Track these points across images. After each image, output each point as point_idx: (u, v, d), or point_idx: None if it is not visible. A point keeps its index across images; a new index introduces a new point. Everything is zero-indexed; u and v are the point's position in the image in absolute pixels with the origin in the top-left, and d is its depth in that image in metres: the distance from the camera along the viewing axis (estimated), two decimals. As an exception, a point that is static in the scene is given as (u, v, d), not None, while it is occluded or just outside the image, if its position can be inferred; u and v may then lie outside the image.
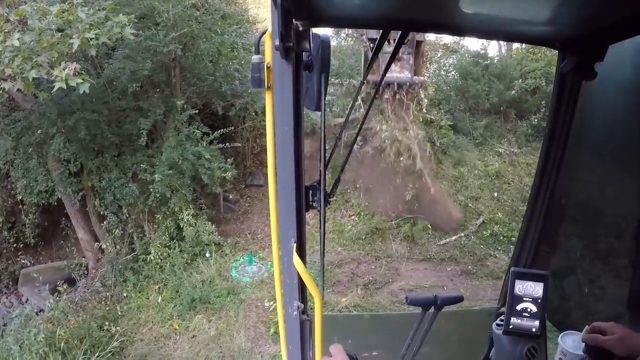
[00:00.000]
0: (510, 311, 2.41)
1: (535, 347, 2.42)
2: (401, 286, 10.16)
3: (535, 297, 2.38)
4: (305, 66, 1.87)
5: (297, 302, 1.98)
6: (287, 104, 1.72)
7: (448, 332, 3.03)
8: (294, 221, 1.89)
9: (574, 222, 3.12)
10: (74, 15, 6.73)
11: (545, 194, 2.64)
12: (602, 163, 2.86)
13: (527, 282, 2.40)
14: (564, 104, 2.46)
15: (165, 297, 9.79)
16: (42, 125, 9.52)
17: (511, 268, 2.52)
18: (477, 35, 3.96)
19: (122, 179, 10.30)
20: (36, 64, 6.53)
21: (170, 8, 9.94)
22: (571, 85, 2.42)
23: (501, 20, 2.18)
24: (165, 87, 11.14)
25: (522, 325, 2.39)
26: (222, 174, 10.60)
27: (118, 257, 10.61)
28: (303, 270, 1.85)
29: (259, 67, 1.74)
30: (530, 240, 2.76)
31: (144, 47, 9.82)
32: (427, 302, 2.57)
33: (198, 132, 10.51)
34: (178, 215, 10.65)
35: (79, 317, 8.86)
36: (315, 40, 1.90)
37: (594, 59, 2.22)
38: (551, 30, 2.33)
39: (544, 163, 2.60)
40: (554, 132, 2.53)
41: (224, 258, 10.77)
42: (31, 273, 10.86)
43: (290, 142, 1.76)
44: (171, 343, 8.90)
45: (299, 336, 2.07)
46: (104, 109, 9.99)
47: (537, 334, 2.39)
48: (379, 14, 2.23)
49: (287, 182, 1.83)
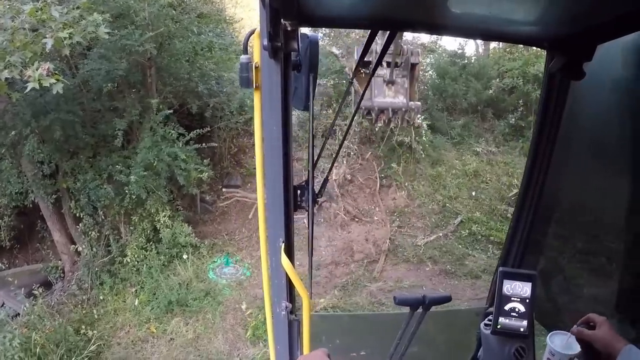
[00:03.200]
0: (499, 311, 2.42)
1: (524, 347, 2.43)
2: (379, 287, 10.20)
3: (523, 297, 2.40)
4: (293, 66, 1.90)
5: (285, 302, 2.01)
6: (276, 104, 1.75)
7: (436, 332, 3.05)
8: (282, 221, 1.92)
9: (562, 222, 3.14)
10: (47, 14, 6.60)
11: (533, 194, 2.68)
12: (590, 163, 2.88)
13: (515, 282, 2.41)
14: (552, 104, 2.50)
15: (142, 300, 9.74)
16: (16, 126, 9.36)
17: (499, 268, 2.56)
18: (466, 35, 4.05)
19: (97, 180, 10.18)
20: (9, 63, 6.40)
21: (146, 7, 9.84)
22: (559, 85, 2.47)
23: (489, 20, 2.20)
24: (141, 87, 11.05)
25: (511, 325, 2.41)
26: (198, 174, 10.55)
27: (94, 259, 10.47)
28: (291, 270, 1.88)
29: (248, 67, 1.76)
30: (518, 240, 2.81)
31: (120, 47, 9.68)
32: (416, 302, 2.55)
33: (174, 133, 10.45)
34: (154, 216, 10.60)
35: (55, 322, 8.74)
36: (304, 40, 1.93)
37: (582, 59, 2.26)
38: (539, 30, 2.36)
39: (532, 163, 2.64)
40: (542, 132, 2.56)
41: (201, 260, 10.76)
42: (6, 277, 10.70)
43: (278, 142, 1.80)
44: (149, 346, 8.86)
45: (287, 336, 2.11)
46: (78, 110, 9.84)
47: (525, 334, 2.41)
48: (367, 14, 2.25)
49: (276, 182, 1.87)
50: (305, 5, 1.87)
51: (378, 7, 2.17)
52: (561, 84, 2.45)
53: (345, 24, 3.00)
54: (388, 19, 2.28)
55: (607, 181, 2.77)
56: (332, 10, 2.16)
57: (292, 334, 2.13)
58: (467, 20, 2.21)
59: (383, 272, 10.81)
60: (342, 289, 10.14)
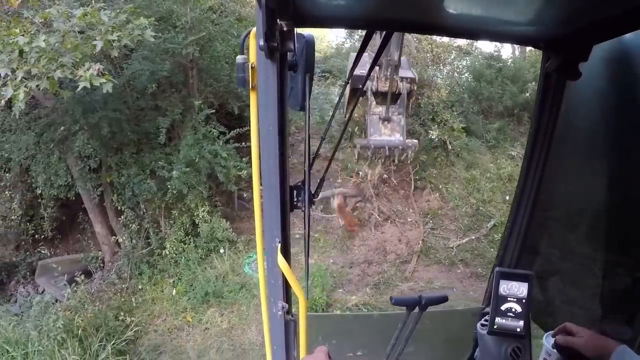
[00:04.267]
0: (495, 311, 2.44)
1: (520, 347, 2.45)
2: (411, 286, 10.29)
3: (519, 297, 2.42)
4: (289, 66, 1.91)
5: (282, 302, 2.04)
6: (272, 104, 1.77)
7: (433, 332, 3.00)
8: (278, 221, 1.92)
9: (559, 222, 3.08)
10: (96, 18, 6.87)
11: (529, 194, 2.65)
12: (586, 163, 2.84)
13: (511, 282, 2.43)
14: (548, 104, 2.48)
15: (180, 291, 10.01)
16: (65, 123, 9.72)
17: (496, 268, 2.56)
18: (462, 36, 3.90)
19: (140, 175, 10.47)
20: (60, 64, 6.67)
21: (188, 11, 10.13)
22: (555, 86, 2.45)
23: (486, 20, 2.21)
24: (182, 87, 11.29)
25: (507, 325, 2.43)
26: (237, 172, 10.71)
27: (134, 251, 10.80)
28: (287, 271, 1.89)
29: (244, 67, 1.78)
30: (514, 241, 2.79)
31: (163, 49, 9.98)
32: (412, 302, 2.56)
33: (214, 131, 10.67)
34: (194, 211, 10.84)
35: (95, 307, 9.06)
36: (300, 40, 1.93)
37: (578, 59, 2.25)
38: (535, 30, 2.35)
39: (528, 163, 2.61)
40: (538, 132, 2.54)
41: (237, 254, 10.93)
42: (49, 264, 11.10)
43: (274, 142, 1.81)
44: (184, 335, 9.11)
45: (283, 336, 2.13)
46: (124, 108, 10.17)
47: (521, 334, 2.43)
48: (364, 14, 2.26)
49: (272, 182, 1.87)
50: (302, 6, 1.87)
51: (374, 7, 2.16)
52: (557, 84, 2.44)
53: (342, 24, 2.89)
54: (384, 19, 2.26)
55: (603, 181, 2.76)
56: (329, 10, 2.14)
57: (288, 334, 2.14)
58: (463, 21, 2.20)
59: (415, 272, 10.82)
60: (374, 287, 10.21)
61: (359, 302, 9.57)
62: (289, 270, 1.90)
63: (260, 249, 2.04)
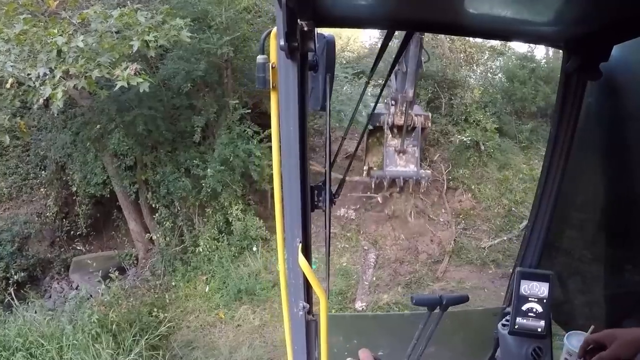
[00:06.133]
0: (516, 311, 2.46)
1: (541, 347, 2.46)
2: (442, 286, 10.26)
3: (540, 297, 2.45)
4: (310, 66, 1.88)
5: (303, 302, 2.00)
6: (292, 104, 1.74)
7: (453, 332, 3.01)
8: (299, 221, 1.90)
9: (579, 222, 3.08)
10: (133, 19, 7.02)
11: (550, 194, 2.62)
12: (607, 163, 2.84)
13: (532, 282, 2.46)
14: (569, 104, 2.45)
15: (212, 288, 10.11)
16: (101, 121, 9.93)
17: (516, 268, 2.59)
18: (482, 36, 3.84)
19: (175, 173, 10.62)
20: (98, 64, 6.81)
21: (223, 12, 10.19)
22: (576, 86, 2.41)
23: (506, 20, 2.17)
24: (217, 87, 11.35)
25: (528, 325, 2.45)
26: (270, 171, 10.55)
27: (168, 248, 10.97)
28: (308, 270, 1.87)
29: (264, 67, 1.76)
30: (535, 241, 2.74)
31: (198, 49, 10.06)
32: (433, 302, 2.56)
33: (249, 131, 10.74)
34: (227, 209, 10.94)
35: (129, 303, 9.18)
36: (320, 40, 1.91)
37: (598, 59, 2.22)
38: (556, 30, 2.33)
39: (549, 163, 2.58)
40: (559, 132, 2.51)
41: (270, 252, 10.98)
42: (84, 260, 11.37)
43: (295, 142, 1.78)
44: (216, 331, 9.19)
45: (304, 336, 2.09)
46: (159, 107, 10.31)
47: (542, 334, 2.45)
48: (384, 14, 2.23)
49: (292, 182, 1.85)
50: (322, 6, 1.86)
51: (395, 7, 2.14)
52: (578, 84, 2.40)
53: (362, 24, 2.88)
54: (405, 19, 2.25)
55: (624, 181, 2.73)
56: (349, 10, 2.11)
57: (309, 334, 2.10)
58: (484, 21, 2.19)
59: (446, 272, 10.76)
60: (406, 286, 10.19)
61: (390, 300, 9.57)
62: (310, 270, 1.88)
63: (281, 248, 2.03)
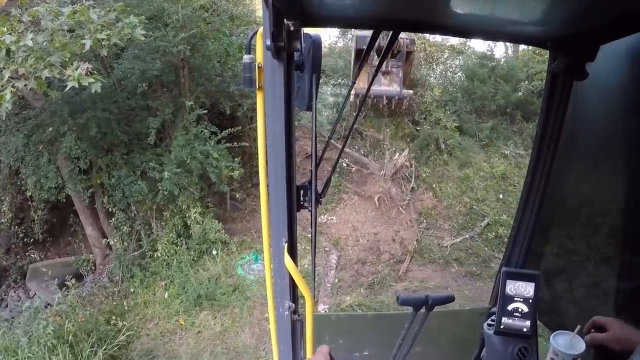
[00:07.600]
0: (502, 311, 2.42)
1: (527, 347, 2.43)
2: (405, 286, 10.24)
3: (526, 297, 2.40)
4: (296, 66, 1.90)
5: (288, 302, 1.99)
6: (279, 104, 1.74)
7: (439, 332, 2.99)
8: (285, 221, 1.90)
9: (565, 222, 3.07)
10: (85, 16, 6.78)
11: (536, 193, 2.61)
12: (593, 163, 2.82)
13: (518, 282, 2.42)
14: (555, 104, 2.43)
15: (172, 293, 9.92)
16: (54, 124, 9.61)
17: (502, 268, 2.53)
18: (469, 36, 3.87)
19: (131, 176, 10.39)
20: (48, 63, 6.56)
21: (179, 9, 10.00)
22: (562, 86, 2.40)
23: (492, 20, 2.19)
24: (174, 86, 11.20)
25: (513, 325, 2.41)
26: (229, 173, 10.65)
27: (125, 253, 10.72)
28: (294, 270, 1.86)
29: (251, 67, 1.77)
30: (521, 240, 2.73)
31: (154, 48, 9.89)
32: (419, 302, 2.54)
33: (206, 132, 10.57)
34: (185, 213, 10.76)
35: (86, 312, 8.96)
36: (307, 40, 1.92)
37: (585, 59, 2.22)
38: (542, 30, 2.33)
39: (535, 163, 2.58)
40: (545, 132, 2.50)
41: (230, 256, 10.87)
42: (40, 268, 11.02)
43: (281, 142, 1.78)
44: (177, 338, 9.02)
45: (290, 336, 2.09)
46: (113, 108, 10.08)
47: (528, 334, 2.41)
48: (370, 14, 2.24)
49: (278, 181, 1.85)
50: (308, 5, 1.86)
51: (381, 7, 2.14)
52: (564, 84, 2.40)
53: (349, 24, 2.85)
54: (391, 19, 2.25)
55: (610, 181, 2.74)
56: (335, 10, 2.13)
57: (295, 334, 2.12)
58: (470, 20, 2.19)
59: (409, 272, 10.78)
60: (369, 287, 10.16)
61: (353, 302, 9.52)
62: (296, 269, 1.88)
63: (267, 248, 2.02)
